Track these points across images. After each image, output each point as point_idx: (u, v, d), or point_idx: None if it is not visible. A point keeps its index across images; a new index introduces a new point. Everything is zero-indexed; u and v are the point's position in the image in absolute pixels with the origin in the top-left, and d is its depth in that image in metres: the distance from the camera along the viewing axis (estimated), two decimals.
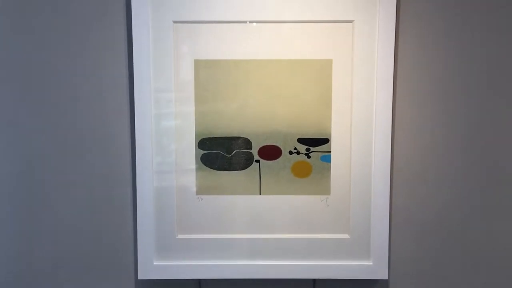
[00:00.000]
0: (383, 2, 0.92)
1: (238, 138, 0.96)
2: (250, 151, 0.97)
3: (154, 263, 0.98)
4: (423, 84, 0.96)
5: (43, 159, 0.98)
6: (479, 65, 0.96)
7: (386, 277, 0.98)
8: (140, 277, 0.98)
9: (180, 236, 0.98)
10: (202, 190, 0.98)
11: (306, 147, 0.96)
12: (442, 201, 0.99)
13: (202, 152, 0.96)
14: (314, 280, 1.01)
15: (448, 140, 0.98)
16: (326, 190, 0.97)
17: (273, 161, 0.97)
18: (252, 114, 0.95)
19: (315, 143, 0.96)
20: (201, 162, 0.97)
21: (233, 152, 0.97)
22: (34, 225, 1.00)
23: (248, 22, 0.94)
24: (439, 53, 0.96)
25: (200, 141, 0.96)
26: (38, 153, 0.98)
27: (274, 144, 0.96)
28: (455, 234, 1.00)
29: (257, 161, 0.97)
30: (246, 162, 0.97)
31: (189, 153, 0.96)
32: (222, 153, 0.97)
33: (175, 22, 0.94)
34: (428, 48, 0.96)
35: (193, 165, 0.97)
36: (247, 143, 0.96)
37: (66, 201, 0.99)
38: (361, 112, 0.95)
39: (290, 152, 0.97)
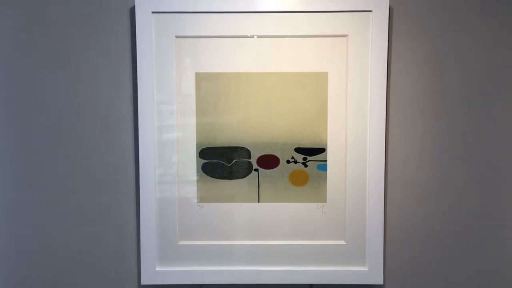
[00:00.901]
0: (376, 17, 0.96)
1: (238, 148, 1.00)
2: (249, 160, 1.00)
3: (157, 269, 1.01)
4: (416, 95, 1.00)
5: (48, 170, 1.02)
6: (472, 76, 0.99)
7: (381, 282, 1.01)
8: (143, 282, 1.01)
9: (181, 242, 1.01)
10: (203, 198, 1.01)
11: (303, 156, 1.00)
12: (435, 208, 1.02)
13: (203, 161, 1.00)
14: (311, 285, 1.04)
15: (441, 149, 1.01)
16: (322, 198, 1.00)
17: (272, 170, 1.00)
18: (251, 124, 0.99)
19: (312, 153, 0.99)
20: (202, 171, 1.00)
21: (233, 162, 1.00)
22: (39, 232, 1.03)
23: (248, 37, 0.98)
24: (431, 65, 0.99)
25: (201, 151, 1.00)
26: (43, 163, 1.02)
27: (272, 153, 1.00)
28: (449, 240, 1.03)
29: (256, 170, 1.00)
30: (245, 171, 1.00)
31: (191, 163, 1.00)
32: (222, 162, 1.00)
33: (177, 37, 0.97)
34: (421, 60, 0.99)
35: (194, 175, 1.00)
36: (247, 152, 1.00)
37: (72, 210, 1.03)
38: (356, 122, 0.98)
39: (288, 161, 1.00)
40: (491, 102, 1.00)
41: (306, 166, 1.00)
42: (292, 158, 1.00)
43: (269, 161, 1.00)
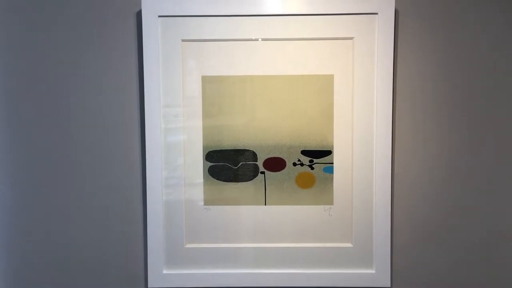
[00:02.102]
0: (382, 19, 0.96)
1: (244, 150, 1.00)
2: (256, 163, 1.00)
3: (164, 272, 1.01)
4: (422, 96, 1.00)
5: (55, 173, 1.02)
6: (478, 77, 0.99)
7: (388, 285, 1.00)
8: (150, 285, 1.01)
9: (188, 245, 1.01)
10: (209, 201, 1.01)
11: (309, 158, 1.00)
12: (443, 210, 1.02)
13: (210, 164, 1.00)
14: None
15: (448, 150, 1.01)
16: (329, 200, 1.00)
17: (278, 172, 1.00)
18: (257, 127, 0.99)
19: (318, 155, 1.00)
20: (208, 174, 1.00)
21: (239, 164, 1.00)
22: (46, 235, 1.04)
23: (253, 40, 0.98)
24: (436, 66, 0.99)
25: (207, 153, 1.00)
26: (50, 166, 1.02)
27: (279, 156, 1.00)
28: (457, 242, 1.03)
29: (262, 172, 1.00)
30: (251, 173, 1.00)
31: (197, 166, 1.00)
32: (229, 165, 1.00)
33: (183, 40, 0.98)
34: (426, 61, 0.99)
35: (201, 178, 1.00)
36: (253, 155, 1.00)
37: (79, 213, 1.03)
38: (362, 124, 0.98)
39: (294, 164, 1.00)
40: (498, 102, 1.00)
41: (312, 168, 1.00)
42: (299, 160, 1.00)
43: (275, 164, 1.00)
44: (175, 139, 1.00)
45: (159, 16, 0.97)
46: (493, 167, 1.01)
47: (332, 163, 0.99)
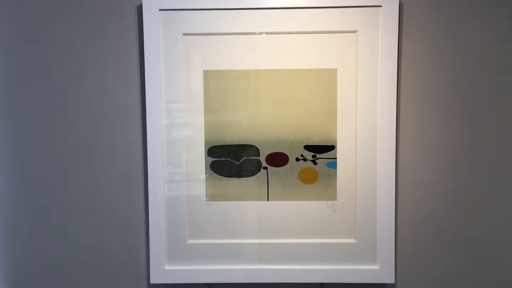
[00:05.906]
0: (386, 12, 0.94)
1: (246, 146, 0.99)
2: (258, 158, 0.99)
3: (166, 268, 1.00)
4: (427, 91, 0.98)
5: (56, 169, 1.02)
6: (484, 72, 0.98)
7: (392, 281, 0.99)
8: (152, 281, 1.01)
9: (190, 241, 1.01)
10: (211, 196, 1.00)
11: (312, 154, 0.99)
12: (447, 205, 1.01)
13: (212, 159, 0.99)
14: (322, 284, 1.03)
15: (452, 146, 0.99)
16: (332, 196, 0.99)
17: (281, 167, 0.99)
18: (260, 122, 0.98)
19: (321, 150, 0.99)
20: (210, 170, 1.00)
21: (242, 160, 0.99)
22: (48, 231, 1.03)
23: (256, 34, 0.97)
24: (442, 61, 0.98)
25: (209, 149, 0.99)
26: (52, 163, 1.02)
27: (281, 151, 0.99)
28: (461, 238, 1.02)
29: (265, 168, 0.99)
30: (254, 169, 0.99)
31: (199, 161, 0.99)
32: (231, 160, 1.00)
33: (184, 34, 0.97)
34: (431, 56, 0.98)
35: (203, 173, 1.00)
36: (255, 150, 0.99)
37: (81, 209, 1.03)
38: (366, 119, 0.97)
39: (297, 159, 0.99)
40: (504, 97, 0.98)
41: (315, 163, 0.99)
42: (302, 155, 0.99)
43: (278, 159, 0.99)
44: (177, 135, 0.99)
45: (160, 10, 0.96)
46: (500, 161, 1.00)
47: (336, 158, 0.98)
